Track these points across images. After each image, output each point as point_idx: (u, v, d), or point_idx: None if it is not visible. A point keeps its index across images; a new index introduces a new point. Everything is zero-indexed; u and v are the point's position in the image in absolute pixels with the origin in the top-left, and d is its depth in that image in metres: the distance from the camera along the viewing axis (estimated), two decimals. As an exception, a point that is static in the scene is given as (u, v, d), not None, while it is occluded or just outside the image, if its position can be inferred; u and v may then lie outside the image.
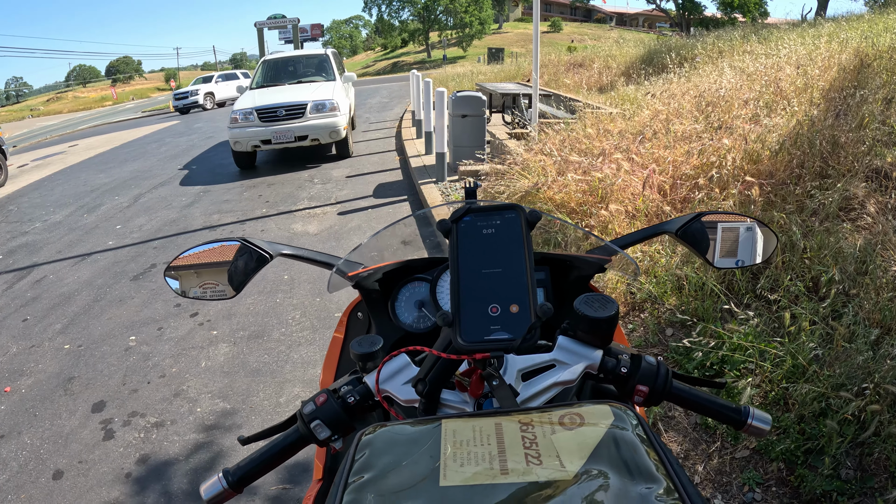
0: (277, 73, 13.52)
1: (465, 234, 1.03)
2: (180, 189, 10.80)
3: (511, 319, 0.95)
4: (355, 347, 1.06)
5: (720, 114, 6.74)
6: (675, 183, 5.29)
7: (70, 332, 5.45)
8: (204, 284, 1.47)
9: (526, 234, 1.01)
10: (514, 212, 1.03)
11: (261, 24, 43.49)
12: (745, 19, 46.15)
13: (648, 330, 3.90)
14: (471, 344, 0.94)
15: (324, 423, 1.01)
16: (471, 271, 1.00)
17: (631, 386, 1.00)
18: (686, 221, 1.36)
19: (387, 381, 1.04)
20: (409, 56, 77.84)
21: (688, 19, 52.62)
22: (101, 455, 3.66)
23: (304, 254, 1.47)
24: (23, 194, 12.98)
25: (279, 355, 4.52)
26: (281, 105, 11.03)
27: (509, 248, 1.00)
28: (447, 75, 27.57)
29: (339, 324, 1.58)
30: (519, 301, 0.96)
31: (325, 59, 13.67)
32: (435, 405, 1.03)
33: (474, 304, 0.97)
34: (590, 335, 1.01)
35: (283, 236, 7.23)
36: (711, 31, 22.61)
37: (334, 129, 11.03)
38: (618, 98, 11.37)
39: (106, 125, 26.81)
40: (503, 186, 6.23)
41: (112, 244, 7.90)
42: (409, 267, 1.51)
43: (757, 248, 1.36)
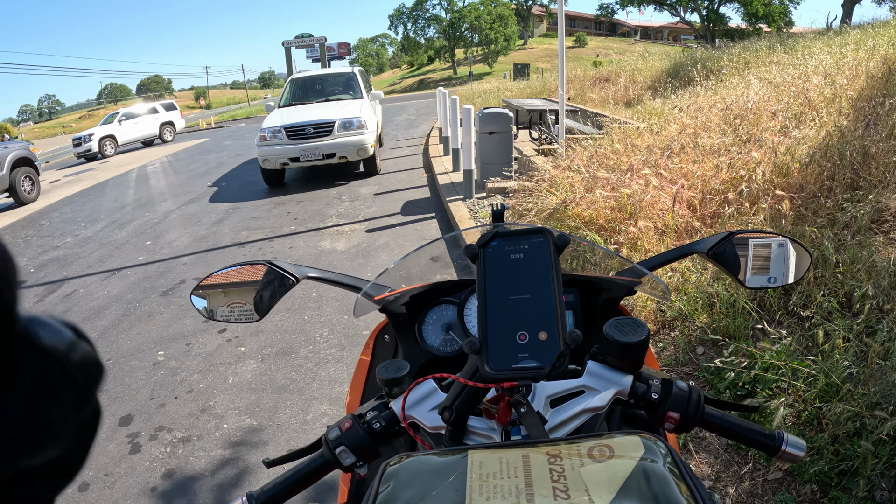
0: (305, 91, 13.65)
1: (492, 260, 1.00)
2: (209, 206, 10.92)
3: (539, 347, 0.91)
4: (381, 373, 1.05)
5: (748, 126, 6.68)
6: (705, 198, 5.24)
7: (99, 345, 5.50)
8: (230, 307, 1.47)
9: (554, 259, 0.98)
10: (542, 236, 1.00)
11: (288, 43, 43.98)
12: (770, 29, 45.92)
13: (679, 348, 3.85)
14: (498, 372, 0.91)
15: (349, 449, 1.01)
16: (498, 297, 0.97)
17: (662, 412, 0.98)
18: (717, 241, 1.34)
19: (413, 408, 1.03)
20: (435, 73, 78.16)
21: (712, 31, 52.44)
22: (128, 468, 3.68)
23: (330, 276, 1.47)
24: (54, 209, 13.19)
25: (306, 373, 4.51)
26: (309, 123, 11.10)
27: (537, 274, 0.97)
28: (473, 92, 27.65)
29: (365, 346, 1.57)
30: (547, 328, 0.92)
31: (353, 77, 13.78)
32: (461, 432, 1.01)
33: (502, 331, 0.94)
34: (620, 360, 0.99)
35: (311, 254, 7.25)
36: (737, 43, 22.52)
37: (362, 146, 11.08)
38: (644, 112, 11.34)
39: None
40: (531, 203, 6.20)
41: (142, 259, 7.98)
42: (436, 290, 1.49)
43: (789, 265, 1.33)
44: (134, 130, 26.56)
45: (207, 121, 44.37)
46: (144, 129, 27.14)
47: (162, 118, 28.39)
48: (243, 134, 26.82)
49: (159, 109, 28.73)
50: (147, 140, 27.57)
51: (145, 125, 27.22)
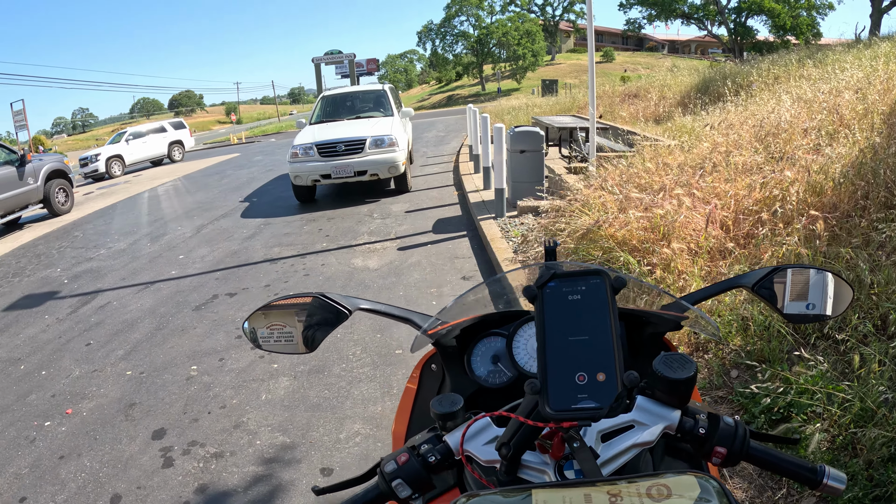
0: (336, 108, 13.75)
1: (550, 301, 1.01)
2: (241, 221, 11.02)
3: (598, 388, 0.93)
4: (436, 407, 1.07)
5: (780, 144, 6.62)
6: (738, 218, 5.19)
7: (132, 358, 5.56)
8: (280, 338, 1.48)
9: (611, 300, 0.99)
10: (598, 277, 1.01)
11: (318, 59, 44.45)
12: (798, 41, 45.64)
13: (713, 371, 3.81)
14: (559, 412, 0.92)
15: (405, 482, 1.02)
16: (557, 338, 0.98)
17: (709, 447, 0.98)
18: (762, 276, 1.33)
19: (468, 442, 1.04)
20: (464, 89, 78.36)
21: (740, 44, 52.24)
22: (160, 482, 3.70)
23: (381, 308, 1.47)
24: (88, 221, 13.39)
25: (339, 391, 4.52)
26: (340, 140, 11.19)
27: (595, 315, 0.98)
28: (502, 108, 27.68)
29: (411, 375, 1.58)
30: (605, 369, 0.94)
31: (383, 95, 13.86)
32: (516, 466, 1.02)
33: (561, 372, 0.95)
34: (668, 395, 1.00)
35: (343, 271, 7.28)
36: (765, 56, 22.35)
37: (393, 164, 11.15)
38: (675, 129, 11.28)
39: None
40: (563, 223, 6.20)
41: (175, 273, 8.06)
42: (484, 321, 1.50)
43: (828, 295, 1.32)
44: (142, 150, 25.91)
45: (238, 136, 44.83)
46: (153, 149, 26.57)
47: (171, 137, 27.86)
48: (274, 149, 27.03)
49: (168, 128, 28.02)
50: (156, 160, 27.10)
51: (153, 145, 26.64)
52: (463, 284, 6.32)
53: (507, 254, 6.68)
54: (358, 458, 3.68)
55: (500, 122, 8.84)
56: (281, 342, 1.48)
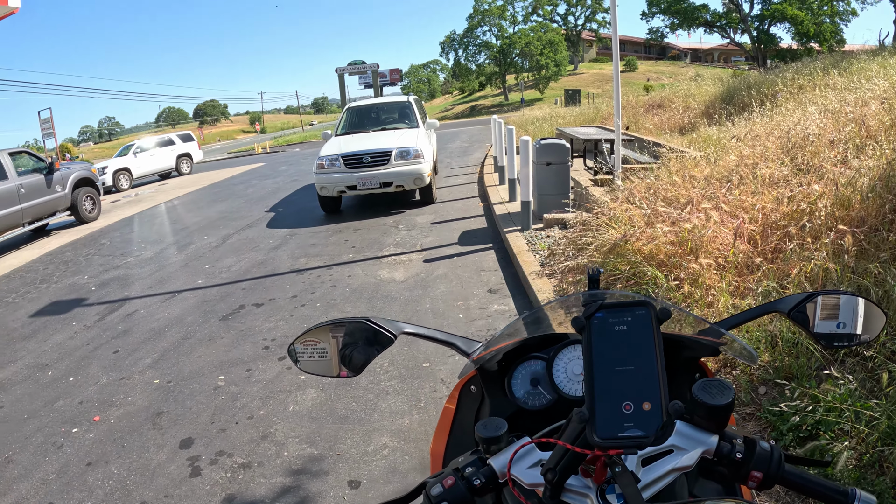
0: (361, 119, 13.82)
1: (598, 331, 1.04)
2: (267, 231, 11.08)
3: (643, 417, 0.96)
4: (481, 431, 1.09)
5: (807, 156, 6.56)
6: (765, 232, 5.15)
7: (160, 367, 5.60)
8: (314, 353, 1.51)
9: (657, 331, 1.02)
10: (645, 308, 1.04)
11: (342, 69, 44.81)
12: (822, 48, 45.30)
13: (741, 388, 3.79)
14: (605, 441, 0.95)
15: None
16: (605, 368, 1.01)
17: (746, 471, 1.01)
18: (798, 301, 1.34)
19: (512, 465, 1.07)
20: (487, 99, 78.48)
21: (763, 52, 51.94)
22: (188, 491, 3.72)
23: (425, 332, 1.51)
24: (115, 229, 13.54)
25: (367, 403, 4.52)
26: (366, 152, 11.24)
27: (641, 345, 1.01)
28: (526, 119, 27.68)
29: (450, 396, 1.60)
30: (651, 399, 0.97)
31: (408, 106, 13.92)
32: (559, 490, 1.04)
33: (608, 401, 0.98)
34: (707, 421, 1.02)
35: (370, 283, 7.29)
36: (789, 65, 22.19)
37: (419, 175, 11.19)
38: (700, 140, 11.23)
39: (194, 165, 27.65)
40: (590, 237, 6.18)
41: (202, 283, 8.12)
42: (524, 345, 1.52)
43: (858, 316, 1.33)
44: (150, 163, 25.30)
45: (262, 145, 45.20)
46: (160, 162, 26.11)
47: (179, 150, 27.36)
48: (298, 159, 27.20)
49: (176, 141, 27.44)
50: (164, 173, 26.66)
51: (161, 157, 26.15)
52: (489, 297, 6.31)
53: (534, 267, 6.67)
54: (385, 471, 3.68)
55: (524, 134, 8.86)
56: (314, 358, 1.51)
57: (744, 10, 51.28)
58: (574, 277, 6.01)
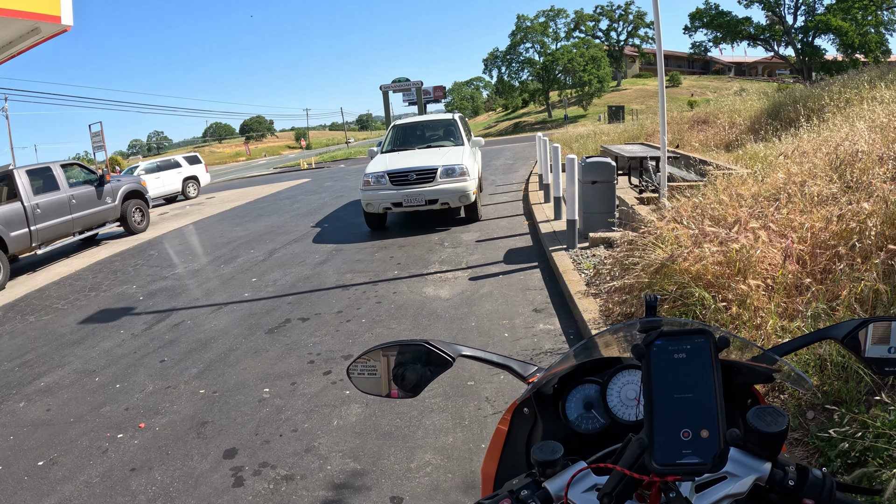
0: (407, 137, 13.94)
1: (657, 359, 1.07)
2: (313, 246, 11.19)
3: (701, 444, 0.98)
4: (537, 454, 1.10)
5: (857, 174, 6.42)
6: (814, 252, 5.05)
7: (205, 377, 5.67)
8: (364, 371, 1.53)
9: (715, 360, 1.05)
10: (703, 337, 1.07)
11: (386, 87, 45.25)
12: (868, 59, 44.62)
13: (788, 412, 3.71)
14: (664, 467, 0.98)
15: None
16: (664, 395, 1.04)
17: (797, 499, 1.01)
18: (853, 328, 1.32)
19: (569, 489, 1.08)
20: (530, 116, 78.60)
21: (808, 64, 51.33)
22: (230, 501, 3.75)
23: (482, 355, 1.52)
24: (163, 241, 13.80)
25: (411, 420, 4.52)
26: (412, 169, 11.31)
27: (699, 373, 1.05)
28: (570, 136, 27.61)
29: (503, 418, 1.61)
30: (709, 426, 0.99)
31: (453, 124, 13.98)
32: None
33: (667, 428, 1.01)
34: (760, 448, 1.02)
35: (415, 300, 7.29)
36: (835, 77, 21.87)
37: (464, 193, 11.21)
38: (746, 157, 11.12)
39: (240, 180, 28.10)
40: (637, 257, 6.13)
41: (248, 296, 8.21)
42: (579, 369, 1.53)
43: None
44: (154, 186, 23.39)
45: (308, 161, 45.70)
46: (166, 185, 24.81)
47: (185, 172, 26.08)
48: (343, 175, 27.43)
49: (182, 163, 26.11)
50: (169, 196, 25.40)
51: (167, 180, 24.90)
52: (535, 317, 6.28)
53: (580, 286, 6.63)
54: (428, 489, 3.67)
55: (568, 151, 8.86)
56: (364, 375, 1.53)
57: (787, 23, 50.89)
58: (620, 297, 5.96)
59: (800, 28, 51.54)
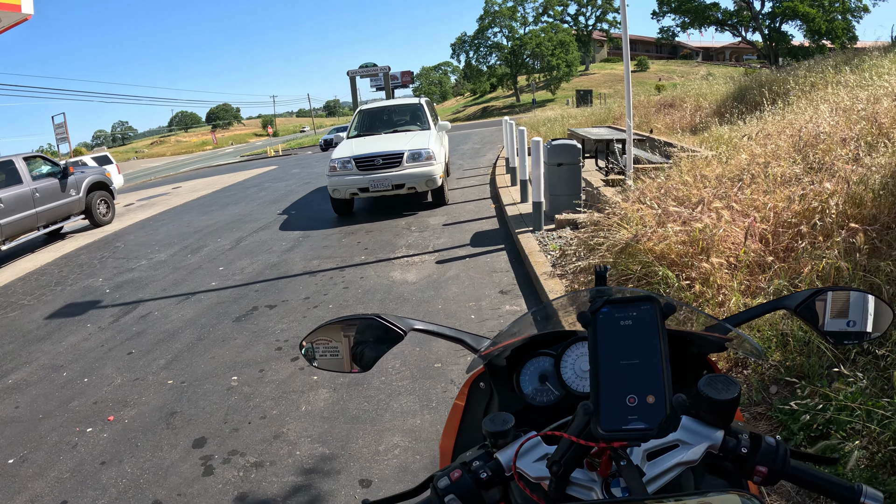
0: (373, 122, 13.85)
1: (603, 326, 1.06)
2: (280, 233, 11.13)
3: (647, 410, 0.97)
4: (488, 425, 1.10)
5: (819, 154, 6.51)
6: (777, 231, 5.12)
7: (173, 367, 5.64)
8: (326, 353, 1.53)
9: (661, 326, 1.04)
10: (650, 304, 1.06)
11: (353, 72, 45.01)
12: (834, 46, 45.15)
13: (752, 387, 3.77)
14: (610, 433, 0.97)
15: (458, 497, 1.04)
16: (610, 362, 1.03)
17: (751, 466, 1.01)
18: (805, 298, 1.34)
19: (519, 459, 1.08)
20: (498, 100, 78.60)
21: (775, 50, 51.83)
22: (200, 490, 3.75)
23: (435, 329, 1.51)
24: (129, 232, 13.62)
25: (378, 403, 4.54)
26: (378, 154, 11.27)
27: (645, 340, 1.03)
28: (537, 120, 27.64)
29: (460, 393, 1.61)
30: (655, 392, 0.98)
31: (420, 108, 13.93)
32: (565, 483, 1.05)
33: (613, 395, 1.00)
34: (712, 415, 1.02)
35: (382, 284, 7.30)
36: (801, 62, 22.08)
37: (430, 177, 11.20)
38: (712, 140, 11.19)
39: (207, 169, 27.83)
40: (602, 237, 6.17)
41: (215, 285, 8.16)
42: (532, 342, 1.53)
43: (868, 313, 1.33)
44: None
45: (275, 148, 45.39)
46: None
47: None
48: (310, 162, 27.28)
49: (90, 164, 22.53)
50: None
51: None
52: (501, 298, 6.31)
53: (546, 268, 6.67)
54: (397, 471, 3.70)
55: (536, 135, 8.89)
56: (326, 357, 1.52)
57: (755, 8, 51.23)
58: (585, 278, 6.01)
59: (767, 14, 51.98)
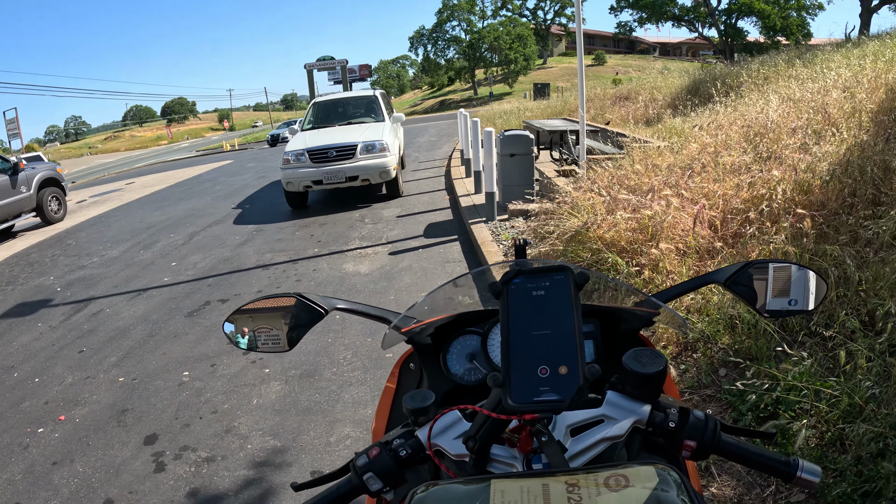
0: (328, 114, 13.78)
1: (515, 296, 1.04)
2: (234, 228, 11.02)
3: (560, 381, 0.95)
4: (408, 402, 1.09)
5: (768, 143, 6.63)
6: (726, 218, 5.20)
7: (125, 365, 5.56)
8: (259, 336, 1.51)
9: (574, 295, 1.02)
10: (562, 273, 1.04)
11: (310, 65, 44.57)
12: (789, 42, 45.85)
13: (701, 371, 3.82)
14: (520, 405, 0.95)
15: (376, 475, 1.04)
16: (521, 333, 1.00)
17: (679, 441, 1.00)
18: (735, 271, 1.35)
19: (438, 436, 1.07)
20: (456, 94, 78.68)
21: (731, 45, 52.55)
22: (152, 487, 3.71)
23: (358, 308, 1.50)
24: (81, 229, 13.35)
25: (330, 395, 4.53)
26: (332, 146, 11.20)
27: (558, 310, 1.01)
28: (494, 113, 27.67)
29: (391, 375, 1.60)
30: (567, 363, 0.96)
31: (374, 100, 13.89)
32: (485, 460, 1.05)
33: (524, 366, 0.97)
34: (638, 390, 1.02)
35: (334, 276, 7.29)
36: (756, 57, 22.41)
37: (384, 169, 11.16)
38: (665, 131, 11.30)
39: (162, 164, 27.40)
40: (553, 226, 6.21)
41: (167, 280, 8.07)
42: (460, 320, 1.52)
43: (809, 291, 1.34)
44: None
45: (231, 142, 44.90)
46: None
47: None
48: (266, 156, 27.01)
49: None
50: None
51: None
52: (457, 297, 6.31)
53: (498, 257, 6.70)
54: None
55: (492, 127, 8.89)
56: (268, 345, 1.51)
57: (711, 5, 51.79)
58: (537, 266, 6.04)
59: (723, 10, 52.52)
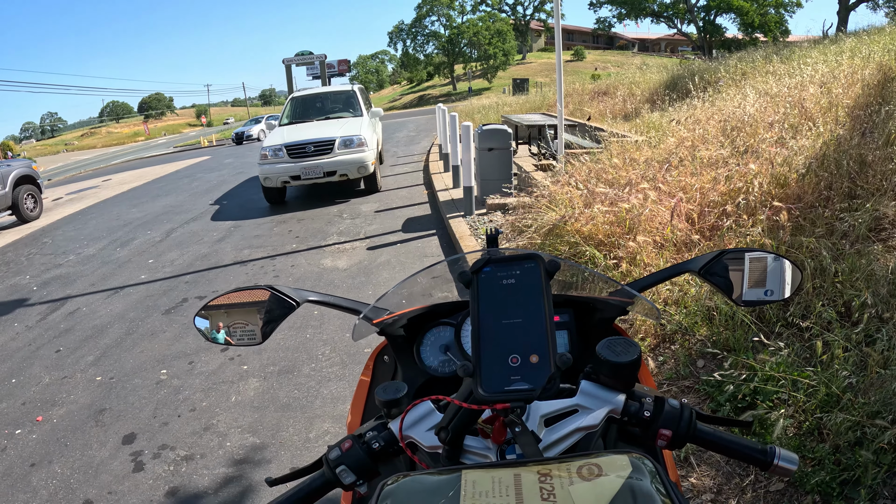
0: (306, 109, 13.72)
1: (485, 285, 1.03)
2: (211, 224, 10.95)
3: (531, 369, 0.95)
4: (380, 394, 1.07)
5: (746, 138, 6.68)
6: (703, 211, 5.24)
7: (102, 364, 5.51)
8: (232, 330, 1.49)
9: (545, 283, 1.01)
10: (533, 262, 1.04)
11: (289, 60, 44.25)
12: (767, 39, 46.29)
13: (679, 362, 3.84)
14: (491, 395, 0.95)
15: (349, 468, 1.03)
16: (491, 322, 1.00)
17: (654, 430, 1.00)
18: (709, 260, 1.35)
19: (411, 428, 1.05)
20: (435, 89, 78.54)
21: (709, 42, 52.97)
22: (131, 486, 3.69)
23: (330, 300, 1.48)
24: (57, 227, 13.21)
25: (309, 391, 4.52)
26: (309, 141, 11.17)
27: (529, 298, 1.01)
28: (473, 108, 27.65)
29: (365, 367, 1.59)
30: (538, 351, 0.96)
31: (353, 95, 13.87)
32: (458, 452, 1.04)
33: (494, 355, 0.97)
34: (612, 379, 1.01)
35: (312, 272, 7.27)
36: (734, 53, 22.57)
37: (362, 164, 11.14)
38: (643, 125, 11.36)
39: (139, 160, 27.17)
40: (530, 220, 6.22)
41: (144, 278, 8.00)
42: (433, 311, 1.51)
43: (786, 280, 1.34)
44: None
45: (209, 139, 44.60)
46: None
47: None
48: (244, 152, 26.86)
49: None
50: None
51: None
52: (431, 287, 6.31)
53: (477, 251, 6.69)
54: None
55: (470, 122, 8.90)
56: (244, 339, 1.49)
57: (690, 1, 52.05)
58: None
59: (702, 7, 52.89)
